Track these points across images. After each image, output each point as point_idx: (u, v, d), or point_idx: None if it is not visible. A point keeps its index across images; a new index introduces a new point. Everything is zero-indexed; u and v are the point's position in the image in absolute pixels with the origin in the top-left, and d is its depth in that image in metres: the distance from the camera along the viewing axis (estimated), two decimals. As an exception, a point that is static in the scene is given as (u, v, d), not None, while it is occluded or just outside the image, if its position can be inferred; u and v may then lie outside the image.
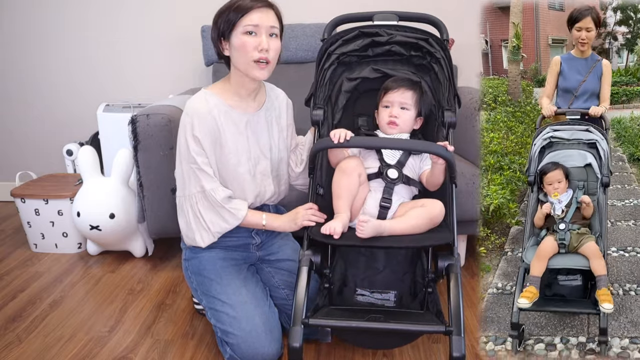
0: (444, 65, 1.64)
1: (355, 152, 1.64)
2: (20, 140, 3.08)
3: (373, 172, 1.58)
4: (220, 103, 1.56)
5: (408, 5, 2.80)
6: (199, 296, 1.65)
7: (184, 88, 2.84)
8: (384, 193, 1.55)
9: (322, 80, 1.70)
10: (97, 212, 2.21)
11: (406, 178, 1.58)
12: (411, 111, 1.63)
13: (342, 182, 1.53)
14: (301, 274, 1.42)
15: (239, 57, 1.50)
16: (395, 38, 1.68)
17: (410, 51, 1.70)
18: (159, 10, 2.86)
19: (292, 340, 1.33)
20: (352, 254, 1.67)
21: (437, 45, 1.66)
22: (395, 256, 1.65)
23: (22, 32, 2.93)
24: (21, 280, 2.19)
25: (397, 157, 1.60)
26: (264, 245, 1.74)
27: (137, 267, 2.31)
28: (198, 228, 1.56)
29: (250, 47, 1.48)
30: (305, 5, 2.77)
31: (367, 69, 1.75)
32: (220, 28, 1.51)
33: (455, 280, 1.38)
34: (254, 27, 1.47)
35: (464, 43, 2.76)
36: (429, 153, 1.52)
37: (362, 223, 1.40)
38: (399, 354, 1.67)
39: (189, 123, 1.50)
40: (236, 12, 1.47)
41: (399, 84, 1.64)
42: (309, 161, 1.58)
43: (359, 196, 1.56)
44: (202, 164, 1.51)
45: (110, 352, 1.69)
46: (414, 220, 1.47)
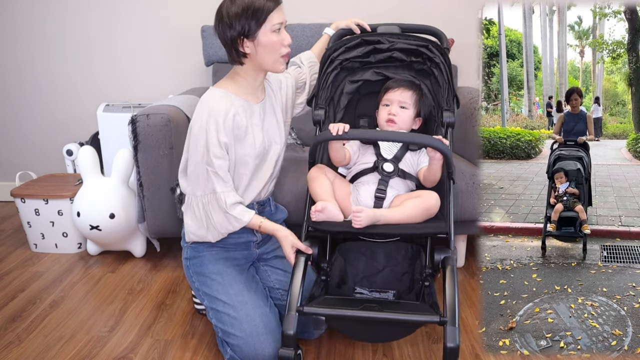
0: (444, 70, 1.70)
1: (354, 148, 1.66)
2: (20, 140, 3.08)
3: (369, 166, 1.60)
4: (235, 98, 1.57)
5: (408, 5, 2.81)
6: (200, 296, 1.65)
7: (184, 88, 2.84)
8: (379, 184, 1.57)
9: (325, 83, 1.75)
10: (97, 212, 2.21)
11: (402, 172, 1.60)
12: (410, 110, 1.66)
13: (312, 186, 1.58)
14: (298, 262, 1.45)
15: (267, 55, 1.54)
16: (396, 45, 1.75)
17: (411, 57, 1.76)
18: (159, 10, 2.86)
19: (286, 327, 1.34)
20: (352, 253, 1.67)
21: (437, 51, 1.73)
22: (395, 256, 1.66)
23: (22, 32, 2.93)
24: (21, 280, 2.19)
25: (394, 152, 1.62)
26: (264, 242, 1.75)
27: (137, 267, 2.31)
28: (209, 227, 1.58)
29: (279, 44, 1.54)
30: (305, 5, 2.78)
31: (369, 72, 1.81)
32: (242, 28, 1.50)
33: (450, 272, 1.39)
34: (280, 25, 1.53)
35: (464, 43, 2.77)
36: (425, 145, 1.54)
37: (357, 213, 1.42)
38: (399, 354, 1.67)
39: (212, 125, 1.50)
40: (262, 11, 1.49)
41: (399, 84, 1.68)
42: (309, 156, 1.60)
43: (342, 192, 1.58)
44: (218, 168, 1.52)
45: (110, 352, 1.69)
46: (410, 210, 1.49)
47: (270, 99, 1.70)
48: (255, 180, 1.65)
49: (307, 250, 1.50)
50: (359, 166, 1.64)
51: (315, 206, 1.48)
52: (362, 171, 1.62)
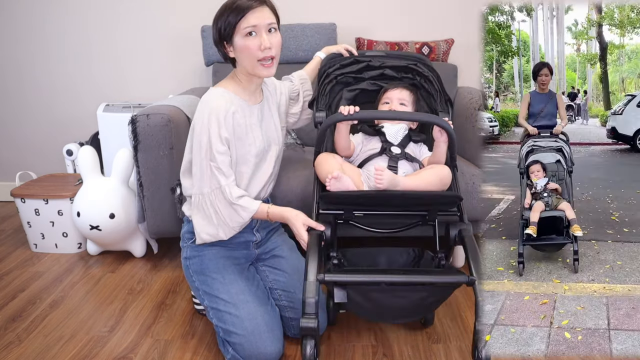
0: (434, 81, 1.78)
1: (358, 139, 1.67)
2: (20, 140, 3.08)
3: (376, 151, 1.61)
4: (235, 98, 1.58)
5: (408, 5, 2.81)
6: (200, 296, 1.65)
7: (184, 88, 2.84)
8: (390, 162, 1.58)
9: (323, 91, 1.79)
10: (97, 212, 2.21)
11: (409, 155, 1.61)
12: (409, 108, 1.71)
13: (322, 166, 1.54)
14: (312, 238, 1.40)
15: (244, 59, 1.54)
16: (387, 63, 1.83)
17: (401, 73, 1.83)
18: (159, 10, 2.86)
19: (307, 295, 1.23)
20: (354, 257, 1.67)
21: (426, 68, 1.81)
22: (397, 260, 1.67)
23: (23, 32, 2.93)
24: (21, 280, 2.19)
25: (398, 140, 1.63)
26: (263, 242, 1.75)
27: (137, 267, 2.31)
28: (219, 223, 1.57)
29: (253, 48, 1.50)
30: (305, 5, 2.78)
31: (365, 82, 1.86)
32: (221, 32, 1.53)
33: (469, 239, 1.41)
34: (253, 28, 1.49)
35: (464, 43, 2.77)
36: (432, 124, 1.57)
37: (379, 172, 1.40)
38: (399, 354, 1.67)
39: (214, 122, 1.51)
40: (234, 14, 1.49)
41: (398, 84, 1.74)
42: (316, 144, 1.61)
43: (352, 172, 1.55)
44: (221, 163, 1.52)
45: (110, 352, 1.69)
46: (427, 178, 1.50)
47: (268, 101, 1.71)
48: (255, 179, 1.65)
49: (319, 226, 1.47)
50: (366, 152, 1.64)
51: (332, 173, 1.43)
52: (370, 156, 1.62)
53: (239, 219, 1.57)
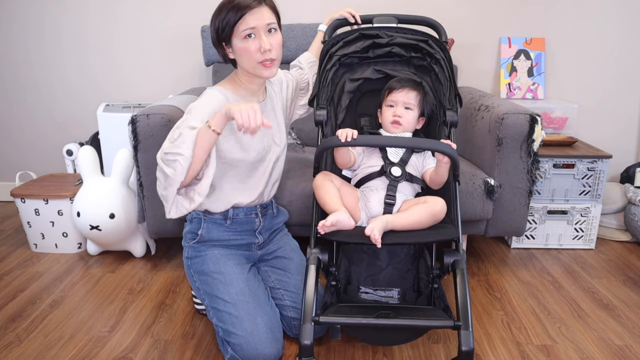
0: (444, 66, 1.68)
1: (359, 150, 1.66)
2: (20, 140, 3.08)
3: (376, 170, 1.59)
4: (232, 96, 1.57)
5: (408, 5, 2.81)
6: (201, 295, 1.65)
7: (184, 88, 2.84)
8: (388, 190, 1.57)
9: (325, 81, 1.72)
10: (97, 212, 2.21)
11: (409, 176, 1.60)
12: (414, 111, 1.66)
13: (320, 194, 1.56)
14: (309, 272, 1.44)
15: (244, 61, 1.52)
16: (395, 40, 1.72)
17: (411, 52, 1.74)
18: (158, 10, 2.86)
19: (303, 338, 1.34)
20: (356, 253, 1.68)
21: (437, 47, 1.70)
22: (398, 254, 1.66)
23: (22, 32, 2.93)
24: (21, 280, 2.19)
25: (400, 155, 1.62)
26: (265, 244, 1.75)
27: (137, 267, 2.31)
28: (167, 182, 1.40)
29: (252, 51, 1.48)
30: (304, 5, 2.78)
31: (369, 69, 1.78)
32: (219, 33, 1.51)
33: (461, 276, 1.40)
34: (252, 30, 1.47)
35: (463, 43, 2.77)
36: (435, 151, 1.53)
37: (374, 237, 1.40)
38: (399, 354, 1.67)
39: (200, 107, 1.45)
40: (232, 14, 1.46)
41: (403, 84, 1.67)
42: (315, 160, 1.59)
43: (350, 199, 1.57)
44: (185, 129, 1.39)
45: (110, 352, 1.69)
46: (417, 216, 1.49)
47: (272, 100, 1.69)
48: (251, 179, 1.64)
49: (268, 124, 1.36)
50: (366, 169, 1.63)
51: (325, 222, 1.44)
52: (369, 175, 1.61)
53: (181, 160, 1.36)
